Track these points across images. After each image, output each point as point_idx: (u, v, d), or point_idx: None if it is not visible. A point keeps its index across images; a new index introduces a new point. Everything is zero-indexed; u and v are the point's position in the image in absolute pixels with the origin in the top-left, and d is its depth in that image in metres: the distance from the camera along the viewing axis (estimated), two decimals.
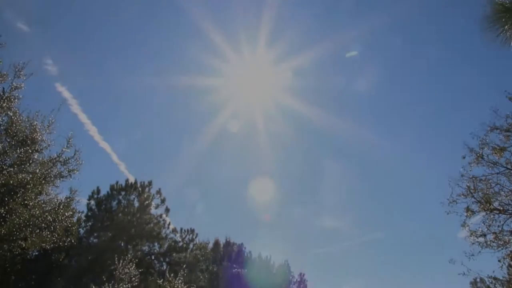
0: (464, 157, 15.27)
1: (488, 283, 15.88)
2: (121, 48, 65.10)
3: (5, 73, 14.63)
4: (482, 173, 15.01)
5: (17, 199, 15.84)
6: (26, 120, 15.63)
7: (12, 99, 14.74)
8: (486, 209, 14.85)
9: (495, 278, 15.17)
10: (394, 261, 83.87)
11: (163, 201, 30.32)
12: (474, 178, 15.09)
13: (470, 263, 14.59)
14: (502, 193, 14.70)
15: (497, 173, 14.68)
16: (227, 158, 73.60)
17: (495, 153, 14.48)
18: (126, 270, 18.20)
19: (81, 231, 27.51)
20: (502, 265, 14.64)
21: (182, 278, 19.46)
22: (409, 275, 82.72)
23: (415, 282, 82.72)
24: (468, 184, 15.15)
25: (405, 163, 78.97)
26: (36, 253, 23.60)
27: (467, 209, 15.18)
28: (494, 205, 14.84)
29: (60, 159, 16.96)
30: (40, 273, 23.88)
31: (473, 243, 15.06)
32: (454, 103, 72.25)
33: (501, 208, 14.67)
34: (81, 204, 27.90)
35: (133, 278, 18.51)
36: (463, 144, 15.19)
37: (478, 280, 39.50)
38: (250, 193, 75.46)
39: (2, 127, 15.00)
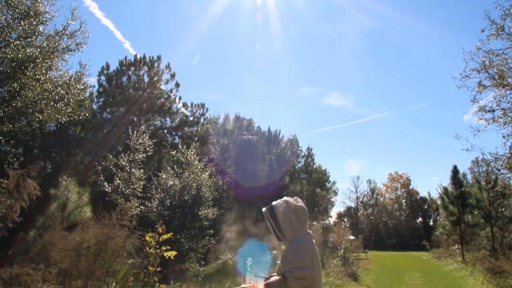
0: (483, 30, 14.48)
1: (489, 159, 16.30)
2: None
3: None
4: (500, 47, 14.42)
5: (28, 74, 15.93)
6: None
7: None
8: (498, 84, 14.59)
9: (496, 157, 15.52)
10: (398, 140, 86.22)
11: (172, 76, 30.26)
12: (490, 52, 14.53)
13: (474, 139, 14.79)
14: None
15: None
16: (235, 34, 71.38)
17: None
18: (140, 141, 18.97)
19: (94, 106, 28.05)
20: (506, 141, 14.86)
21: (194, 150, 20.26)
22: (412, 154, 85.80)
23: (417, 160, 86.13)
24: (483, 59, 14.67)
25: (417, 38, 76.02)
26: (54, 128, 24.37)
27: (479, 84, 14.93)
28: (507, 81, 14.55)
29: (66, 32, 16.54)
30: (59, 146, 24.98)
31: (480, 119, 15.13)
32: None
33: None
34: (91, 82, 28.13)
35: (148, 148, 19.37)
36: (483, 15, 14.31)
37: (479, 159, 41.10)
38: (258, 68, 74.77)
39: None
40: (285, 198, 3.37)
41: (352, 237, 22.08)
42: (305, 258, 3.09)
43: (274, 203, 3.35)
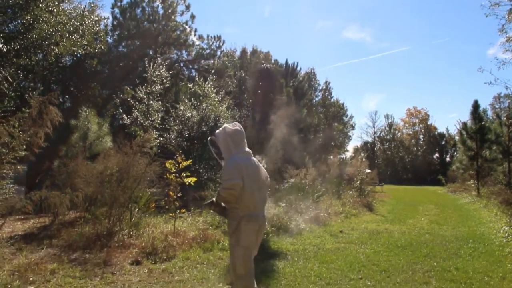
0: None
1: None
2: None
3: None
4: None
5: (40, 5, 15.71)
6: None
7: None
8: None
9: None
10: (417, 75, 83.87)
11: (187, 7, 29.45)
12: None
13: (498, 72, 14.42)
14: None
15: None
16: None
17: None
18: (157, 73, 18.87)
19: (109, 40, 27.71)
20: None
21: (211, 83, 20.10)
22: (431, 89, 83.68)
23: (436, 97, 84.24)
24: None
25: None
26: (70, 61, 24.31)
27: (510, 11, 14.24)
28: None
29: None
30: (76, 80, 25.04)
31: (506, 50, 14.60)
32: None
33: None
34: (105, 15, 27.53)
35: (165, 80, 19.31)
36: None
37: (502, 95, 40.11)
38: (275, 1, 72.00)
39: None
40: (224, 125, 3.78)
41: (368, 170, 22.26)
42: (232, 171, 3.44)
43: (216, 131, 3.77)
